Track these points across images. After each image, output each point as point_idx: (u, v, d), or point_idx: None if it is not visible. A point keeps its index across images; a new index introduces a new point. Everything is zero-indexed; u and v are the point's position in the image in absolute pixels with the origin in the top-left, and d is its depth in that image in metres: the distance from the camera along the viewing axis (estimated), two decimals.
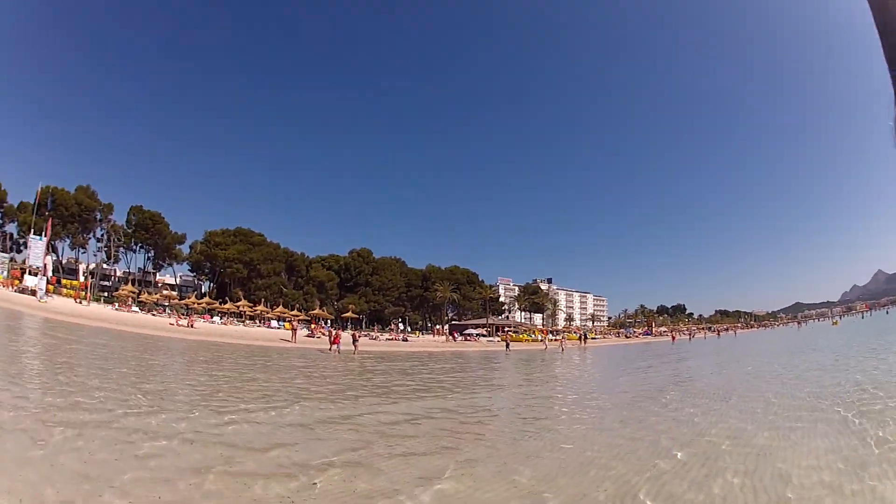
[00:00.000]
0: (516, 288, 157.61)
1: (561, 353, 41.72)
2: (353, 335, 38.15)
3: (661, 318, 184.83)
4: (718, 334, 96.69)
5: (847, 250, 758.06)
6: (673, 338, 78.27)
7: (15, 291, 53.57)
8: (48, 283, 61.13)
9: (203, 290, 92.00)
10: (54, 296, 58.23)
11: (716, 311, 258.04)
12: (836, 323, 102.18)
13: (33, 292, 53.15)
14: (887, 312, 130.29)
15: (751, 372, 20.47)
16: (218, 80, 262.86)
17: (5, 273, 61.37)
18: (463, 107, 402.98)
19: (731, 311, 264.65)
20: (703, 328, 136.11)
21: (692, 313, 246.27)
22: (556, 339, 66.35)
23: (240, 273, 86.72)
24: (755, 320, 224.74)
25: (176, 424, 8.04)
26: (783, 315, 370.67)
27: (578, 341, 67.96)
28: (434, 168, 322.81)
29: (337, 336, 35.56)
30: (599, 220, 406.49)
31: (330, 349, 34.19)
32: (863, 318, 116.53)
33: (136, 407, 9.17)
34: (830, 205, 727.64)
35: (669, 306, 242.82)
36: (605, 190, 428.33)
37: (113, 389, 10.74)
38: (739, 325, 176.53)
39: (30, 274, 59.70)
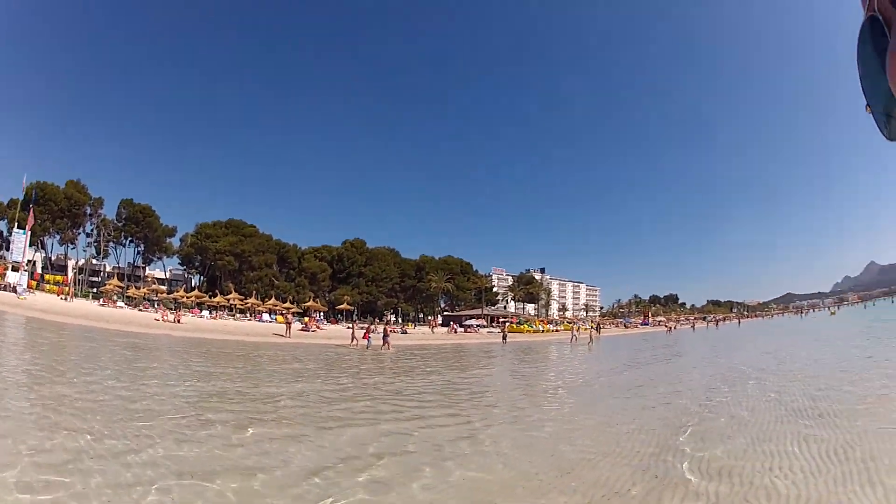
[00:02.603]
0: (510, 278, 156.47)
1: (589, 346, 41.27)
2: (386, 330, 37.20)
3: (654, 307, 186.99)
4: (717, 324, 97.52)
5: (839, 242, 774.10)
6: (668, 329, 79.08)
7: None
8: (31, 278, 61.17)
9: (193, 284, 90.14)
10: (36, 292, 57.23)
11: (707, 300, 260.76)
12: (833, 313, 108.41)
13: (14, 289, 52.24)
14: (874, 304, 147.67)
15: None
16: (210, 73, 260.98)
17: None
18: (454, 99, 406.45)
19: (722, 301, 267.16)
20: (697, 318, 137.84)
21: (684, 303, 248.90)
22: (584, 329, 66.33)
23: (230, 265, 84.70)
24: (747, 310, 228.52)
25: None
26: (775, 305, 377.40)
27: (596, 332, 66.09)
28: (427, 158, 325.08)
29: (367, 331, 35.86)
30: (592, 210, 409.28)
31: (352, 343, 34.58)
32: (865, 307, 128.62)
33: None
34: (822, 197, 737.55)
35: (662, 296, 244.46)
36: (598, 180, 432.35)
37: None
38: (744, 314, 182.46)
39: (13, 270, 58.52)
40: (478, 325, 77.72)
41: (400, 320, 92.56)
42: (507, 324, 73.95)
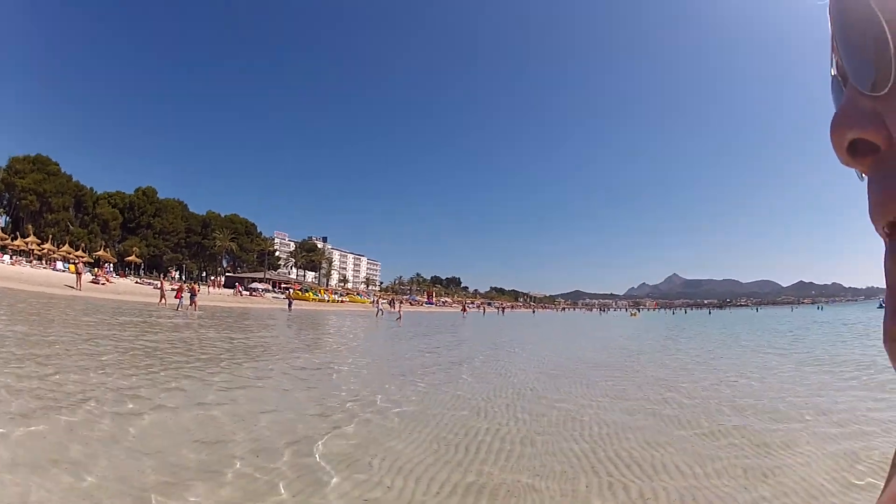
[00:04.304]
0: (292, 243, 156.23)
1: (398, 321, 38.97)
2: (193, 289, 35.47)
3: (436, 288, 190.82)
4: (503, 311, 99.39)
5: (639, 250, 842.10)
6: (464, 310, 76.48)
7: None
8: None
9: (1, 224, 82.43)
10: None
11: (491, 287, 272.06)
12: (634, 314, 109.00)
13: None
14: (686, 312, 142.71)
15: None
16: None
17: None
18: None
19: (507, 289, 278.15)
20: (483, 303, 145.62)
21: (467, 287, 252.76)
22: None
23: (32, 206, 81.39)
24: (534, 301, 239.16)
25: None
26: (561, 300, 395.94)
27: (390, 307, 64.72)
28: (221, 110, 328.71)
29: (180, 290, 34.78)
30: (378, 184, 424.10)
31: (161, 303, 33.61)
32: (685, 312, 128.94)
33: None
34: (623, 209, 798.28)
35: (444, 278, 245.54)
36: (382, 151, 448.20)
37: None
38: (531, 305, 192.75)
39: None
40: (263, 290, 75.23)
41: (184, 278, 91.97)
42: (291, 290, 71.97)
